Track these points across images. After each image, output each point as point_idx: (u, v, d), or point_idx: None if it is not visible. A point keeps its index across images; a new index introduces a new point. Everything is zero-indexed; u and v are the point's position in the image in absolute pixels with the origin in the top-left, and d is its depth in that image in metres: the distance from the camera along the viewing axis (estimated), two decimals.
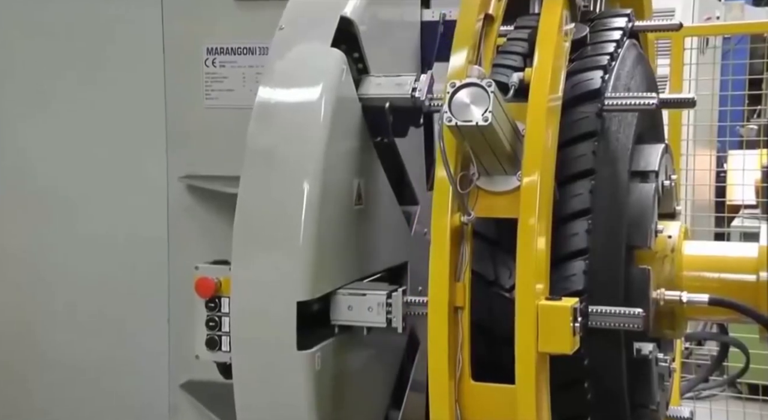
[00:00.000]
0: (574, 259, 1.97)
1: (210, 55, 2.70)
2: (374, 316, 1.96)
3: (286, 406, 1.90)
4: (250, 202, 1.91)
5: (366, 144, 2.09)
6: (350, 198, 2.02)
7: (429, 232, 2.47)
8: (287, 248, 1.88)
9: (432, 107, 2.10)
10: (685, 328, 2.43)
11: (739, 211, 5.61)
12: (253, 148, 1.94)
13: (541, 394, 1.85)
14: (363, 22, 2.07)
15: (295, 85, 1.98)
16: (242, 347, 1.91)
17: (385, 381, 2.25)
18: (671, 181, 2.38)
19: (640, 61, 2.37)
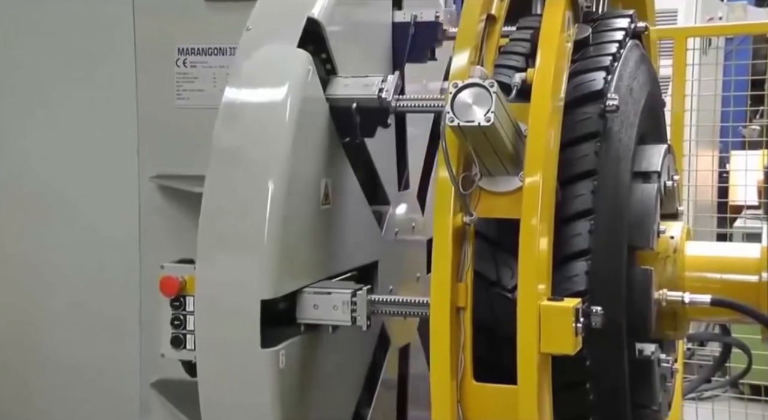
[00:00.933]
0: (576, 260, 1.97)
1: (181, 55, 2.70)
2: (339, 314, 1.98)
3: (250, 404, 1.91)
4: (214, 202, 1.94)
5: (334, 144, 2.11)
6: (317, 197, 2.03)
7: (400, 232, 2.49)
8: (251, 247, 1.89)
9: (399, 108, 2.12)
10: (687, 328, 2.42)
11: (741, 212, 5.60)
12: (219, 148, 1.96)
13: (542, 395, 1.85)
14: (331, 23, 2.08)
15: (261, 85, 1.99)
16: (207, 345, 1.93)
17: (353, 379, 2.26)
18: (673, 181, 2.38)
19: (642, 62, 2.37)
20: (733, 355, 4.03)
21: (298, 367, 1.98)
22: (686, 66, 4.48)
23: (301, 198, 1.98)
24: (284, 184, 1.91)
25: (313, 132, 2.03)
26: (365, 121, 2.10)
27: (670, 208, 2.43)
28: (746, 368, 3.98)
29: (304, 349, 2.01)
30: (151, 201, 2.72)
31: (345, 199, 2.16)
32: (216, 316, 1.92)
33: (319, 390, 2.08)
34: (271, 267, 1.89)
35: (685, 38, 4.52)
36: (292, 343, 1.96)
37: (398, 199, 2.50)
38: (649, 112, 2.37)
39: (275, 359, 1.89)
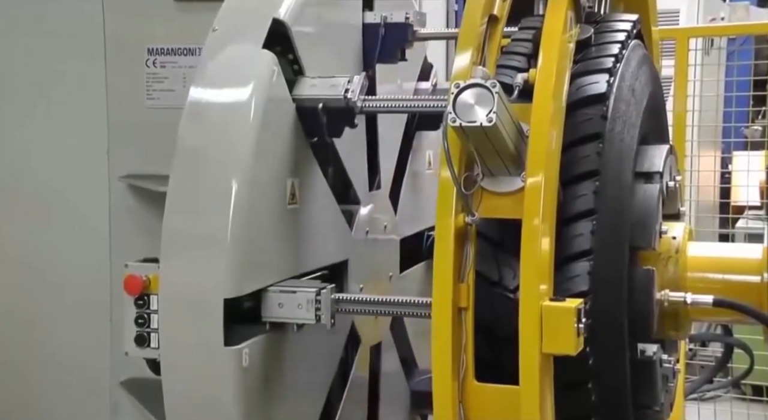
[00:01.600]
0: (578, 260, 1.97)
1: (151, 55, 2.71)
2: (304, 313, 1.99)
3: (213, 402, 1.92)
4: (178, 201, 1.95)
5: (301, 144, 2.12)
6: (283, 197, 2.05)
7: (371, 231, 2.50)
8: (215, 246, 1.91)
9: (365, 108, 2.14)
10: (689, 329, 2.42)
11: (743, 213, 5.59)
12: (183, 148, 1.97)
13: (544, 395, 1.85)
14: (297, 24, 2.09)
15: (226, 85, 2.01)
16: (170, 344, 1.94)
17: (321, 377, 2.27)
18: (675, 182, 2.38)
19: (644, 62, 2.37)
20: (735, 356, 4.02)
21: (262, 366, 1.99)
22: (688, 66, 4.48)
23: (266, 197, 1.99)
24: (248, 184, 1.92)
25: (278, 132, 2.04)
26: (332, 122, 2.12)
27: (672, 209, 2.43)
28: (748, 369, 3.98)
29: (269, 347, 2.02)
30: (121, 201, 2.73)
31: (313, 198, 2.18)
32: (179, 315, 1.93)
33: (285, 388, 2.09)
34: (234, 266, 1.90)
35: (687, 39, 4.52)
36: (256, 341, 1.97)
37: (369, 199, 2.51)
38: (651, 112, 2.37)
39: (238, 357, 1.90)
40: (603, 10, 2.57)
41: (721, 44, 5.72)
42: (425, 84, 2.82)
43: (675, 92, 4.42)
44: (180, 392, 1.95)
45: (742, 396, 5.04)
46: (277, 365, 2.06)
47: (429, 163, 2.95)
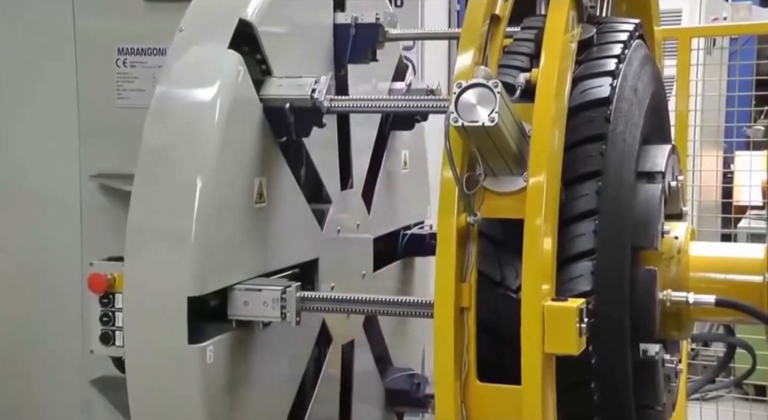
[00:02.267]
0: (580, 260, 1.97)
1: (121, 55, 2.73)
2: (269, 310, 2.01)
3: (178, 399, 1.94)
4: (143, 199, 1.96)
5: (269, 143, 2.13)
6: (250, 196, 2.05)
7: (342, 230, 2.50)
8: (179, 244, 1.92)
9: (332, 108, 2.14)
10: (691, 329, 2.42)
11: (745, 213, 5.58)
12: (148, 147, 1.98)
13: (546, 395, 1.85)
14: (264, 24, 2.10)
15: (191, 85, 2.02)
16: (135, 342, 1.96)
17: (290, 375, 2.28)
18: (678, 182, 2.37)
19: (647, 62, 2.36)
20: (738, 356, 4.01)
21: (228, 363, 2.00)
22: (690, 66, 4.47)
23: (232, 196, 2.00)
24: (213, 183, 1.93)
25: (244, 131, 2.05)
26: (299, 121, 2.13)
27: (674, 209, 2.42)
28: (750, 369, 3.97)
29: (236, 345, 2.03)
30: (92, 199, 2.75)
31: (282, 197, 2.18)
32: (144, 313, 1.94)
33: (253, 385, 2.10)
34: (198, 264, 1.91)
35: (689, 38, 4.51)
36: (221, 339, 1.98)
37: (341, 198, 2.52)
38: (654, 112, 2.37)
39: (202, 355, 1.91)
40: (605, 9, 2.57)
41: (724, 44, 5.71)
42: (400, 84, 2.83)
43: (677, 92, 4.40)
44: (145, 390, 1.96)
45: (744, 396, 5.03)
46: (243, 362, 2.07)
47: (405, 163, 2.95)
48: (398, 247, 2.92)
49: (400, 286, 2.97)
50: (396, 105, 2.43)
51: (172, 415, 1.96)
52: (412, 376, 2.85)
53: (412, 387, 2.82)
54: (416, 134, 2.97)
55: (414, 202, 3.00)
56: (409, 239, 2.92)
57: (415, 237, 2.93)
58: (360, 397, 2.67)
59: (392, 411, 2.90)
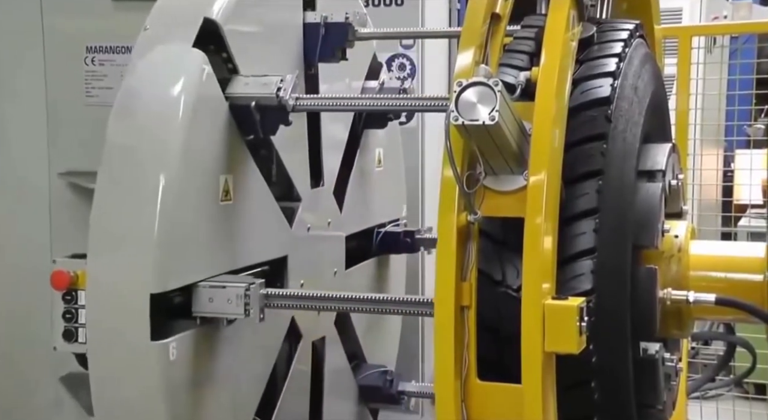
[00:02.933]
0: (581, 259, 1.97)
1: (90, 53, 2.73)
2: (233, 307, 2.01)
3: (140, 395, 1.94)
4: (106, 197, 1.97)
5: (235, 141, 2.13)
6: (216, 194, 2.06)
7: (313, 228, 2.50)
8: (141, 242, 1.92)
9: (298, 106, 2.15)
10: (691, 327, 2.42)
11: (746, 211, 5.57)
12: (112, 144, 1.99)
13: (547, 394, 1.85)
14: (230, 24, 2.10)
15: (155, 84, 2.02)
16: (97, 338, 1.96)
17: (258, 371, 2.28)
18: (678, 180, 2.37)
19: (647, 61, 2.36)
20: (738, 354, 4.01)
21: (192, 360, 2.00)
22: (691, 65, 4.45)
23: (196, 194, 2.01)
24: (176, 180, 1.94)
25: (209, 130, 2.05)
26: (265, 119, 2.14)
27: (674, 207, 2.42)
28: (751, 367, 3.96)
29: (200, 341, 2.04)
30: (61, 197, 2.75)
31: (249, 195, 2.19)
32: (106, 310, 1.95)
33: (218, 381, 2.10)
34: (160, 261, 1.92)
35: (689, 37, 4.50)
36: (184, 335, 1.99)
37: (311, 196, 2.52)
38: (654, 110, 2.37)
39: (165, 352, 1.92)
40: (606, 8, 2.56)
41: (724, 42, 5.70)
42: (373, 83, 2.83)
43: (677, 90, 4.39)
44: (107, 387, 1.96)
45: (744, 395, 5.02)
46: (208, 359, 2.07)
47: (379, 161, 2.96)
48: (372, 245, 2.91)
49: (375, 283, 2.98)
50: (364, 104, 2.44)
51: (135, 412, 1.97)
52: (385, 372, 2.87)
53: (385, 383, 2.84)
54: (391, 133, 2.98)
55: (388, 200, 3.01)
56: (383, 237, 2.93)
57: (389, 235, 2.94)
58: (332, 394, 2.68)
59: (366, 407, 2.91)
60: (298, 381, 2.47)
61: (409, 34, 2.75)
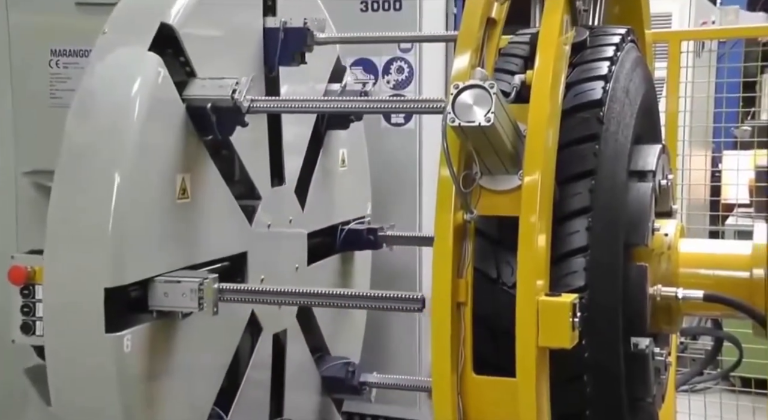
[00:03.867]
0: (574, 256, 1.96)
1: (54, 56, 2.74)
2: (187, 301, 2.02)
3: (95, 386, 1.95)
4: (63, 194, 1.97)
5: (193, 141, 2.13)
6: (172, 192, 2.06)
7: (273, 225, 2.50)
8: (96, 238, 1.92)
9: (253, 108, 2.15)
10: (680, 323, 2.42)
11: (733, 210, 5.58)
12: (69, 144, 1.99)
13: (541, 388, 1.85)
14: (187, 28, 2.10)
15: (112, 86, 2.03)
16: (54, 331, 1.97)
17: (216, 362, 2.28)
18: (668, 180, 2.37)
19: (638, 64, 2.36)
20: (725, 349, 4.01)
21: (148, 352, 2.01)
22: (680, 68, 4.45)
23: (151, 192, 2.01)
24: (131, 179, 1.94)
25: (165, 130, 2.05)
26: (221, 120, 2.14)
27: (664, 206, 2.42)
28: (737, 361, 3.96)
29: (157, 334, 2.04)
30: (27, 195, 2.75)
31: (207, 193, 2.19)
32: (62, 304, 1.95)
33: (174, 372, 2.10)
34: (115, 257, 1.92)
35: (679, 41, 4.49)
36: (140, 328, 1.99)
37: (272, 195, 2.51)
38: (645, 112, 2.36)
39: (119, 344, 1.93)
40: (598, 13, 2.56)
41: (712, 47, 5.70)
42: (336, 85, 2.83)
43: (667, 93, 4.39)
44: (64, 378, 1.97)
45: (731, 388, 5.02)
46: (165, 351, 2.07)
47: (343, 161, 2.95)
48: (336, 242, 2.91)
49: (339, 279, 2.98)
50: (320, 106, 2.46)
51: (90, 403, 1.97)
52: (347, 364, 2.87)
53: (347, 375, 2.84)
54: (355, 134, 2.98)
55: (353, 199, 3.01)
56: (346, 234, 2.92)
57: (353, 232, 2.94)
58: (294, 384, 2.67)
59: (329, 397, 2.91)
60: (258, 372, 2.48)
61: (369, 38, 2.76)
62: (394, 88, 3.22)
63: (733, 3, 9.22)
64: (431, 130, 3.42)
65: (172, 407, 2.08)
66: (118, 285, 1.92)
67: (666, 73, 4.42)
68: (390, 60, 3.21)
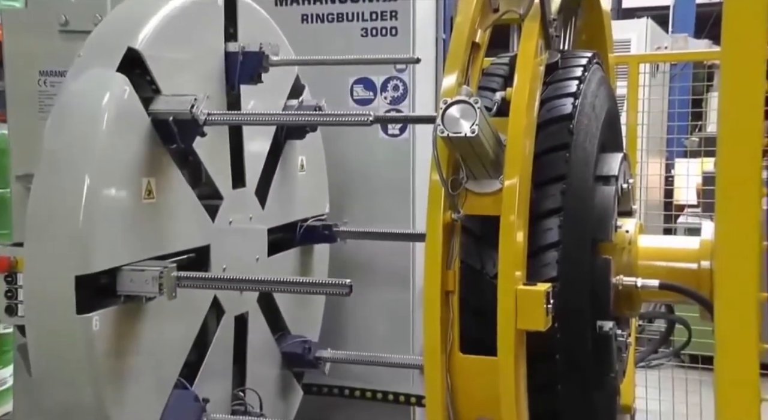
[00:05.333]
0: (548, 250, 1.95)
1: (42, 76, 2.78)
2: (150, 287, 2.02)
3: (68, 360, 1.96)
4: (41, 194, 1.98)
5: (157, 150, 2.15)
6: (138, 193, 2.07)
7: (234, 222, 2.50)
8: (68, 232, 1.93)
9: (209, 121, 2.18)
10: (639, 308, 2.40)
11: (683, 210, 5.59)
12: (47, 149, 2.01)
13: (518, 365, 1.83)
14: (152, 52, 2.13)
15: (84, 101, 2.04)
16: (32, 313, 1.98)
17: (181, 341, 2.29)
18: (628, 184, 2.36)
19: (603, 83, 2.34)
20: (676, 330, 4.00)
21: (117, 330, 2.02)
22: (638, 87, 4.45)
23: (119, 193, 2.02)
24: (99, 181, 1.95)
25: (130, 139, 2.07)
26: (182, 131, 2.16)
27: (625, 207, 2.41)
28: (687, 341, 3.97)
29: (124, 315, 2.05)
30: (19, 196, 2.76)
31: (171, 194, 2.19)
32: (39, 289, 1.96)
33: (141, 349, 2.11)
34: (83, 248, 1.93)
35: (637, 63, 4.49)
36: (108, 310, 1.99)
37: (233, 195, 2.52)
38: (609, 125, 2.35)
39: (88, 323, 1.93)
40: (568, 39, 2.54)
41: (665, 68, 5.71)
42: (294, 101, 2.83)
43: (627, 108, 4.39)
44: (41, 352, 1.98)
45: (681, 364, 5.03)
46: (132, 330, 2.08)
47: (302, 167, 2.95)
48: (296, 236, 2.92)
49: (298, 268, 2.97)
50: (271, 119, 2.50)
51: (64, 374, 1.98)
52: (304, 342, 2.87)
53: (304, 350, 2.85)
54: (314, 143, 2.98)
55: (311, 199, 3.00)
56: (305, 230, 2.93)
57: (310, 228, 2.95)
58: (256, 359, 2.67)
59: (290, 371, 2.92)
60: (222, 348, 2.49)
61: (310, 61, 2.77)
62: (391, 103, 3.19)
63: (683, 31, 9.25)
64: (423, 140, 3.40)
65: (138, 378, 2.10)
66: (86, 273, 1.93)
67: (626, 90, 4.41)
68: (387, 79, 3.18)
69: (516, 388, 1.81)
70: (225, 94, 2.48)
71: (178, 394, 2.21)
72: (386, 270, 3.22)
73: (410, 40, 3.15)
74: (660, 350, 4.76)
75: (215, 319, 2.47)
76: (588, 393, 2.07)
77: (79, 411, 2.00)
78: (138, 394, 2.09)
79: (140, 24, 2.15)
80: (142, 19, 2.17)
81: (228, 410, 2.53)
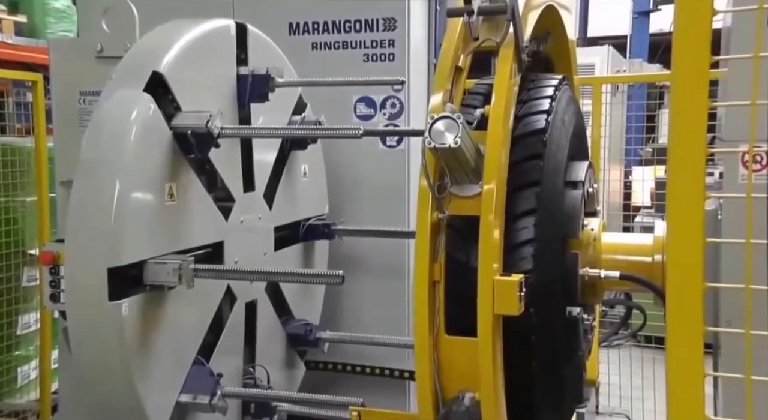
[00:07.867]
0: (524, 246, 1.92)
1: (82, 96, 2.84)
2: (171, 277, 2.03)
3: (102, 340, 1.98)
4: (80, 196, 1.99)
5: (178, 159, 2.16)
6: (162, 196, 2.08)
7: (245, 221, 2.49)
8: (101, 229, 1.94)
9: (222, 134, 2.19)
10: (602, 296, 2.37)
11: (639, 211, 5.58)
12: (84, 159, 2.03)
13: (496, 345, 1.80)
14: (174, 75, 2.15)
15: (114, 117, 2.07)
16: (73, 300, 1.99)
17: (199, 325, 2.29)
18: (593, 188, 2.33)
19: (571, 101, 2.32)
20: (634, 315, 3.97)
21: (143, 315, 2.02)
22: (601, 104, 4.44)
23: (145, 196, 2.03)
24: (127, 186, 1.97)
25: (154, 150, 2.08)
26: (199, 143, 2.17)
27: (591, 208, 2.38)
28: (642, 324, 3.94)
29: (150, 302, 2.06)
30: (62, 199, 2.78)
31: (190, 197, 2.20)
32: (78, 279, 1.98)
33: (164, 330, 2.11)
34: (115, 245, 1.94)
35: (600, 84, 4.48)
36: (136, 297, 2.00)
37: (245, 198, 2.51)
38: (576, 137, 2.32)
39: (119, 309, 1.94)
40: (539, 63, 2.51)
41: (624, 89, 5.71)
42: (297, 117, 2.83)
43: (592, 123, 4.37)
44: (79, 334, 2.00)
45: (638, 344, 5.03)
46: (156, 314, 2.09)
47: (304, 173, 2.94)
48: (299, 234, 2.92)
49: (301, 261, 2.96)
50: (276, 132, 2.52)
51: (98, 352, 1.99)
52: (307, 324, 2.86)
53: (306, 332, 2.84)
54: (315, 153, 2.98)
55: (312, 202, 3.00)
56: (306, 228, 2.92)
57: (311, 226, 2.94)
58: (265, 340, 2.67)
59: (294, 350, 2.92)
60: (235, 330, 2.49)
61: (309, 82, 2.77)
62: (389, 119, 3.17)
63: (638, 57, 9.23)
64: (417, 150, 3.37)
65: (161, 355, 2.10)
66: (117, 265, 1.94)
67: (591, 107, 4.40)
68: (386, 97, 3.17)
69: (494, 364, 1.78)
70: (237, 111, 2.48)
71: (196, 369, 2.21)
72: (385, 263, 3.21)
73: (405, 64, 3.15)
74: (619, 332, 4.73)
75: (228, 305, 2.46)
76: (559, 368, 2.04)
77: (112, 383, 2.00)
78: (161, 368, 2.09)
79: (164, 51, 2.16)
80: (165, 46, 2.18)
81: (240, 383, 2.53)
